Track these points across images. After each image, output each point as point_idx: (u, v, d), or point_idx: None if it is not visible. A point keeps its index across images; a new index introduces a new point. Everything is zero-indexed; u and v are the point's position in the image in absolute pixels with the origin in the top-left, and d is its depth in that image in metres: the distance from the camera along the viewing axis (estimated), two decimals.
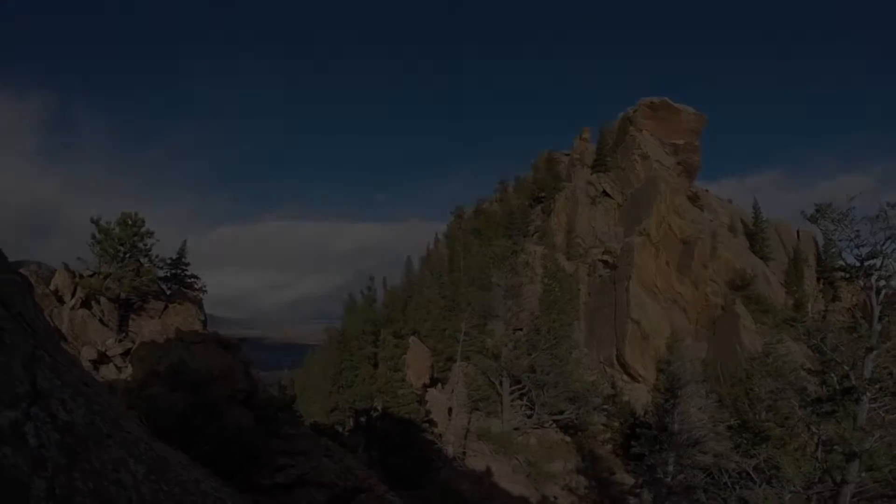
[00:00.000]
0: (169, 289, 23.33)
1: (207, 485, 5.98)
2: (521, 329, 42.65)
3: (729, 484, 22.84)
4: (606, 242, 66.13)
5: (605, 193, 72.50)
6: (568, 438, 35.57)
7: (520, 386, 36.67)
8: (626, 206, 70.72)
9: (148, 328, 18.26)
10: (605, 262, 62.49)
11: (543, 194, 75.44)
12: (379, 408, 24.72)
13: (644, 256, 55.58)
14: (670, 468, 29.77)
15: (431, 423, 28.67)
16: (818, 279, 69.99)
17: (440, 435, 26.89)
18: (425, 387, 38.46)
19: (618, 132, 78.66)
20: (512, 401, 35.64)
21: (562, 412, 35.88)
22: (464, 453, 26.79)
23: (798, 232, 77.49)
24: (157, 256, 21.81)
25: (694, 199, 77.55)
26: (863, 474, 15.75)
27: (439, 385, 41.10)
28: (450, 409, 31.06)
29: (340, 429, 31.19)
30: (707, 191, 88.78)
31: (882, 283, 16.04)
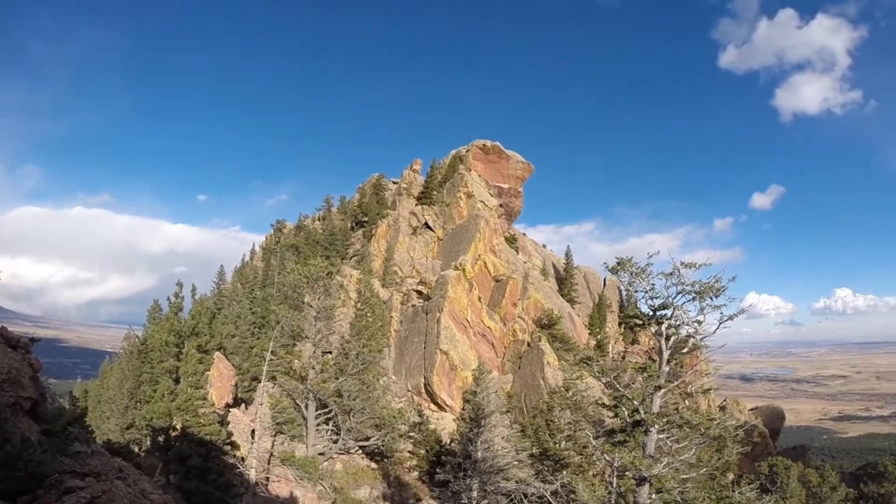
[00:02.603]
0: None
1: None
2: (330, 352, 41.42)
3: None
4: (423, 273, 66.94)
5: (426, 226, 73.71)
6: (374, 465, 34.42)
7: (326, 410, 35.14)
8: (445, 241, 72.41)
9: None
10: (419, 293, 63.13)
11: (366, 218, 75.07)
12: (178, 427, 22.28)
13: (458, 290, 56.66)
14: (474, 494, 30.01)
15: (234, 445, 26.28)
16: (620, 323, 76.66)
17: (242, 458, 24.76)
18: (228, 407, 35.45)
19: (447, 168, 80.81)
20: (317, 425, 34.03)
21: (368, 438, 34.94)
22: (267, 478, 24.85)
23: (605, 280, 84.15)
24: None
25: (511, 240, 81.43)
26: (653, 496, 16.90)
27: (243, 406, 38.32)
28: (253, 432, 28.95)
29: (136, 448, 27.86)
30: (524, 234, 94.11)
31: (671, 330, 17.44)
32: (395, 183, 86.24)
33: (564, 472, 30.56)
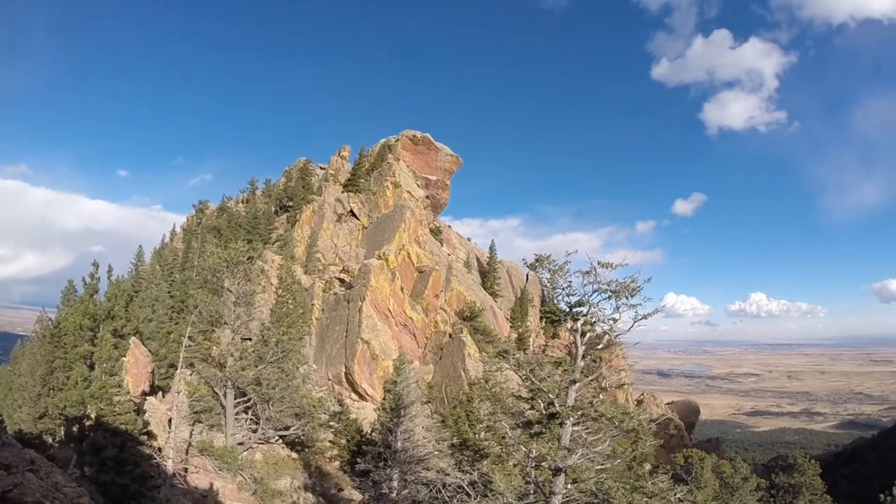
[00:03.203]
0: None
1: None
2: (249, 339, 40.63)
3: (447, 499, 24.13)
4: (346, 261, 66.30)
5: (352, 213, 72.95)
6: (295, 455, 33.87)
7: (245, 399, 34.37)
8: (370, 229, 71.96)
9: None
10: (341, 281, 62.53)
11: (291, 203, 73.51)
12: (93, 416, 21.22)
13: (380, 279, 56.42)
14: (395, 484, 30.22)
15: (150, 435, 25.31)
16: (541, 318, 78.39)
17: (159, 449, 23.91)
18: (144, 395, 33.82)
19: (376, 157, 79.99)
20: (236, 414, 33.23)
21: (288, 428, 34.50)
22: (185, 470, 24.06)
23: (528, 275, 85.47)
24: None
25: (436, 232, 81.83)
26: (569, 486, 17.38)
27: (160, 394, 36.91)
28: (170, 421, 28.01)
29: (50, 439, 26.32)
30: (450, 227, 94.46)
31: (587, 327, 17.89)
32: (322, 168, 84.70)
33: (484, 463, 31.23)
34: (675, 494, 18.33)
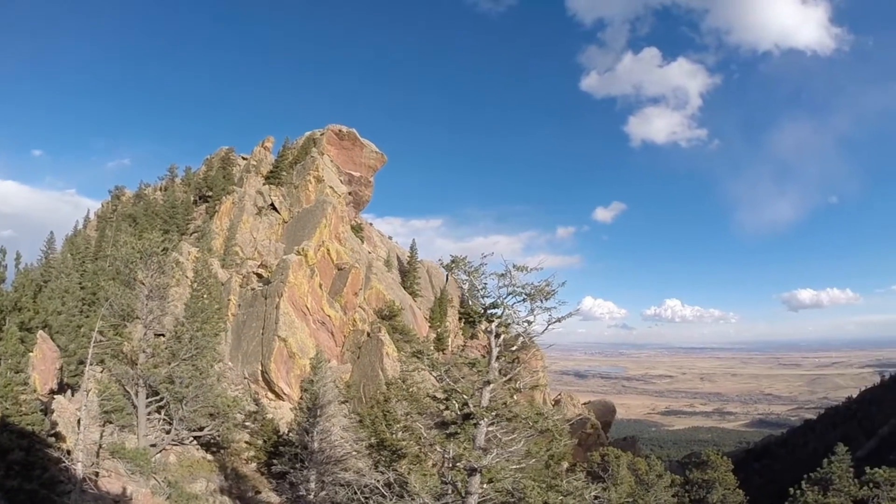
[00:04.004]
0: None
1: None
2: (162, 335, 39.26)
3: (363, 500, 24.21)
4: (265, 256, 64.99)
5: (272, 206, 71.49)
6: (210, 456, 32.81)
7: (157, 398, 33.11)
8: (291, 224, 70.84)
9: None
10: (259, 276, 61.27)
11: (211, 193, 71.19)
12: None
13: (299, 276, 55.77)
14: (312, 485, 30.05)
15: (59, 437, 24.04)
16: (460, 318, 79.28)
17: (68, 451, 22.70)
18: (52, 393, 32.15)
19: (300, 149, 78.68)
20: (149, 414, 31.92)
21: (202, 428, 33.48)
22: (96, 474, 22.87)
23: (447, 275, 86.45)
24: None
25: (358, 229, 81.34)
26: (485, 486, 17.44)
27: (69, 392, 35.05)
28: (79, 421, 26.68)
29: None
30: (371, 224, 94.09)
31: (501, 329, 18.09)
32: (244, 159, 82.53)
33: (402, 463, 31.44)
34: (591, 492, 18.79)
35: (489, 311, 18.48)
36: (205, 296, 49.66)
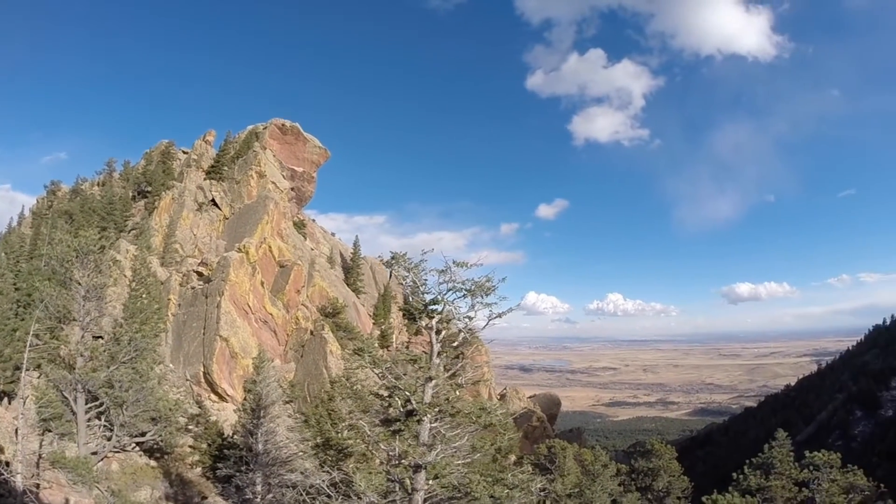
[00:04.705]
0: None
1: None
2: (101, 337, 38.35)
3: (308, 502, 24.40)
4: (205, 253, 63.83)
5: (213, 202, 70.26)
6: (154, 463, 32.25)
7: (97, 403, 32.43)
8: (232, 220, 69.78)
9: None
10: (199, 274, 60.20)
11: (150, 189, 69.14)
12: None
13: (240, 274, 55.23)
14: (258, 488, 30.11)
15: None
16: (404, 315, 79.56)
17: (7, 463, 22.15)
18: None
19: (242, 143, 77.44)
20: (88, 420, 31.26)
21: (144, 434, 33.01)
22: (37, 485, 22.44)
23: (391, 272, 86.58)
24: None
25: (300, 226, 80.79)
26: (430, 482, 17.43)
27: (5, 400, 33.96)
28: (17, 431, 26.02)
29: None
30: (314, 221, 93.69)
31: (442, 325, 18.24)
32: (185, 153, 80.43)
33: (349, 462, 31.74)
34: (536, 484, 19.05)
35: (430, 308, 18.52)
36: (144, 295, 48.67)
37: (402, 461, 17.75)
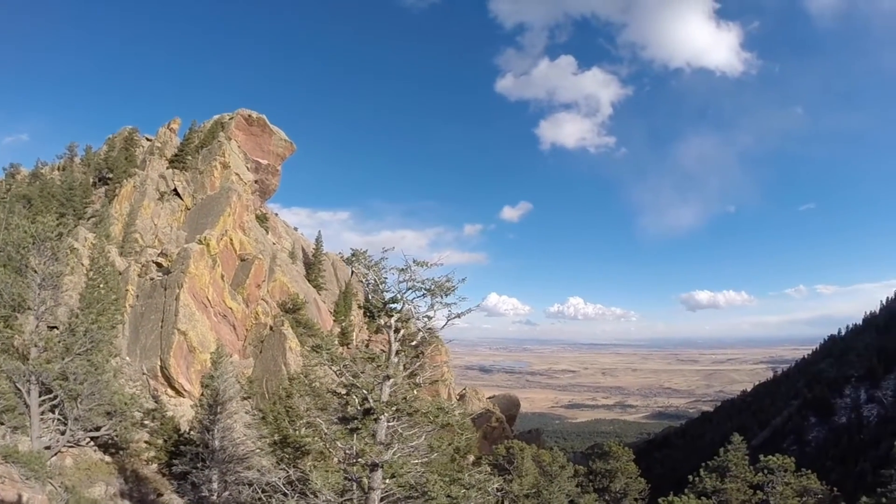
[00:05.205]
0: None
1: None
2: (56, 327, 37.71)
3: (264, 499, 24.48)
4: (165, 244, 62.89)
5: (175, 192, 69.19)
6: (108, 458, 31.61)
7: (51, 396, 31.93)
8: (194, 211, 68.75)
9: None
10: (159, 265, 59.29)
11: (112, 175, 67.77)
12: None
13: (200, 266, 54.66)
14: (215, 486, 30.08)
15: None
16: (364, 313, 79.30)
17: None
18: None
19: (207, 133, 76.34)
20: (42, 413, 30.73)
21: (99, 428, 32.62)
22: None
23: (352, 269, 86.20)
24: None
25: (262, 219, 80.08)
26: (387, 481, 17.43)
27: None
28: None
29: None
30: (277, 214, 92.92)
31: (400, 324, 18.35)
32: (149, 140, 78.91)
33: (306, 460, 31.84)
34: (492, 484, 18.97)
35: (389, 306, 18.47)
36: (101, 285, 47.79)
37: (359, 460, 17.75)
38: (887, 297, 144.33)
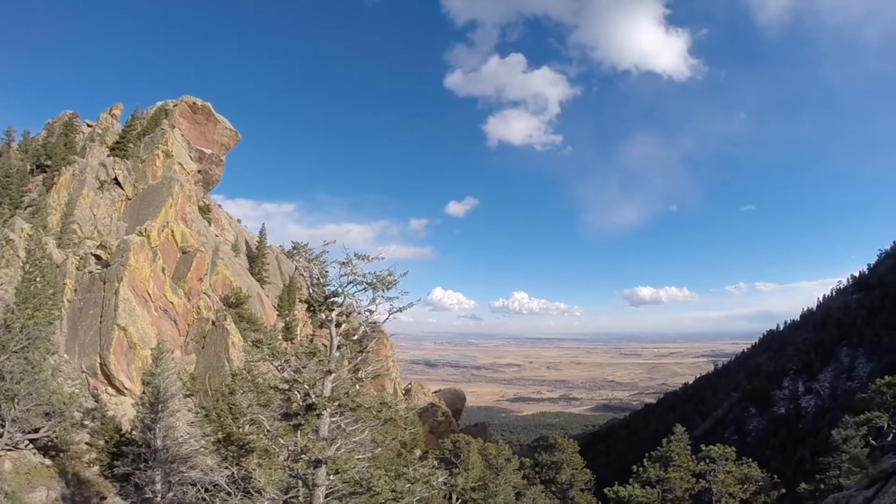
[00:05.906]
0: None
1: None
2: None
3: (207, 499, 24.74)
4: (105, 236, 61.27)
5: (116, 181, 67.52)
6: (49, 461, 30.96)
7: None
8: (134, 201, 67.10)
9: None
10: (98, 258, 57.91)
11: (50, 163, 65.57)
12: None
13: (140, 259, 53.50)
14: (158, 486, 29.99)
15: None
16: (307, 307, 79.05)
17: None
18: None
19: (150, 120, 74.31)
20: None
21: (38, 430, 32.15)
22: None
23: (295, 262, 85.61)
24: None
25: (205, 210, 78.99)
26: (332, 477, 17.29)
27: None
28: None
29: None
30: (220, 206, 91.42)
31: (342, 318, 18.33)
32: (89, 126, 76.03)
33: (251, 458, 32.15)
34: (437, 478, 18.95)
35: (330, 300, 18.35)
36: (38, 279, 46.55)
37: (303, 456, 17.64)
38: (824, 295, 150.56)
